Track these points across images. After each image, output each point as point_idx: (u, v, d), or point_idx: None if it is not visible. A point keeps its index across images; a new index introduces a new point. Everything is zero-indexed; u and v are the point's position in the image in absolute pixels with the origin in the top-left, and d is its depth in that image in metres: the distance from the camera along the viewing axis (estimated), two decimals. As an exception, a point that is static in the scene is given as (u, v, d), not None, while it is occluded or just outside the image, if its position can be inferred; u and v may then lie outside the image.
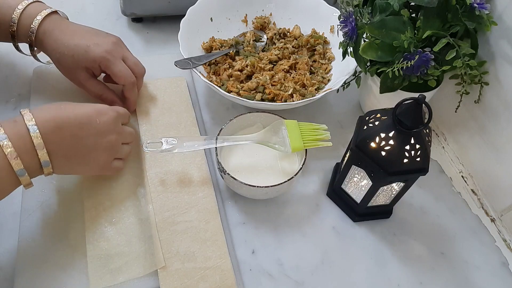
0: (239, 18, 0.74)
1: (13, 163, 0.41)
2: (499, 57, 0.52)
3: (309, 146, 0.53)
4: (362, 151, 0.47)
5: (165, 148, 0.52)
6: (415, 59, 0.50)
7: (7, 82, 0.66)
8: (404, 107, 0.43)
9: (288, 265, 0.51)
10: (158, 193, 0.53)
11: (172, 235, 0.50)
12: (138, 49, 0.74)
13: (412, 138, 0.44)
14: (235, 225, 0.54)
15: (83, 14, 0.79)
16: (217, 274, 0.48)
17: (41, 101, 0.62)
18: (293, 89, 0.62)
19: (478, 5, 0.49)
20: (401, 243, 0.54)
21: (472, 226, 0.57)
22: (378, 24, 0.51)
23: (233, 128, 0.56)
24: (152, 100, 0.63)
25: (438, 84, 0.56)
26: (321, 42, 0.71)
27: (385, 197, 0.52)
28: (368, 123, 0.48)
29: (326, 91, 0.61)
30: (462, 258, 0.54)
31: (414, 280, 0.51)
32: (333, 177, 0.59)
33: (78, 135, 0.46)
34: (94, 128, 0.47)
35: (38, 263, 0.48)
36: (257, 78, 0.64)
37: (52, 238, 0.49)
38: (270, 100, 0.62)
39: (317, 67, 0.68)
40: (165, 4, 0.74)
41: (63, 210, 0.51)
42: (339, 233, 0.55)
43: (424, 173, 0.46)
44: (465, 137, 0.62)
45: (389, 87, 0.55)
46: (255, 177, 0.53)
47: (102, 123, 0.48)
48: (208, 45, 0.69)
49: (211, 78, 0.64)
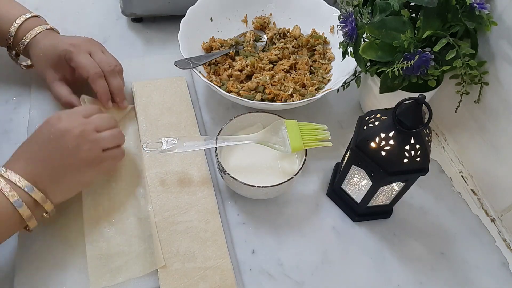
0: (239, 18, 0.74)
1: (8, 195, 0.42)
2: (499, 57, 0.52)
3: (309, 146, 0.53)
4: (362, 151, 0.47)
5: (165, 148, 0.52)
6: (415, 59, 0.50)
7: (7, 82, 0.66)
8: (404, 107, 0.43)
9: (288, 265, 0.51)
10: (158, 193, 0.53)
11: (172, 235, 0.50)
12: (138, 49, 0.74)
13: (412, 138, 0.44)
14: (235, 225, 0.54)
15: (83, 14, 0.79)
16: (217, 274, 0.48)
17: (41, 101, 0.62)
18: (293, 89, 0.62)
19: (478, 5, 0.49)
20: (401, 243, 0.54)
21: (472, 226, 0.57)
22: (378, 24, 0.51)
23: (233, 128, 0.56)
24: (152, 100, 0.63)
25: (438, 84, 0.56)
26: (321, 42, 0.71)
27: (385, 197, 0.52)
28: (368, 123, 0.48)
29: (326, 91, 0.61)
30: (462, 258, 0.54)
31: (414, 280, 0.51)
32: (333, 177, 0.59)
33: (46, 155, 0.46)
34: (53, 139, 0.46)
35: (38, 263, 0.48)
36: (257, 78, 0.64)
37: (52, 238, 0.49)
38: (270, 100, 0.62)
39: (317, 67, 0.68)
40: (165, 4, 0.74)
41: (63, 210, 0.51)
42: (339, 233, 0.55)
43: (424, 173, 0.46)
44: (465, 137, 0.62)
45: (389, 87, 0.55)
46: (255, 177, 0.53)
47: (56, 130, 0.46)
48: (208, 45, 0.69)
49: (211, 78, 0.64)
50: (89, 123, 0.48)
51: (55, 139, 0.46)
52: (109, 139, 0.49)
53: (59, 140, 0.46)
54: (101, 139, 0.48)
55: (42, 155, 0.46)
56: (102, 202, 0.52)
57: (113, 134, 0.50)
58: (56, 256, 0.48)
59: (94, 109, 0.51)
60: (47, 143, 0.46)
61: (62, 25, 0.76)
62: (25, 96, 0.64)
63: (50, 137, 0.46)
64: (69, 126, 0.46)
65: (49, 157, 0.46)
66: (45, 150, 0.46)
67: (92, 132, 0.48)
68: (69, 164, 0.46)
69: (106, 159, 0.49)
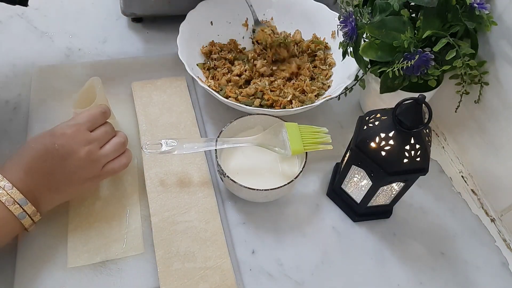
0: (239, 22, 0.74)
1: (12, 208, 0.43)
2: (499, 57, 0.52)
3: (309, 149, 0.53)
4: (362, 151, 0.47)
5: (165, 150, 0.52)
6: (415, 59, 0.50)
7: (7, 82, 0.66)
8: (404, 107, 0.43)
9: (288, 265, 0.51)
10: (158, 193, 0.53)
11: (172, 235, 0.50)
12: (138, 49, 0.74)
13: (412, 138, 0.44)
14: (235, 225, 0.54)
15: (83, 14, 0.79)
16: (217, 274, 0.48)
17: (41, 101, 0.62)
18: (292, 95, 0.62)
19: (478, 5, 0.49)
20: (401, 243, 0.54)
21: (472, 226, 0.57)
22: (378, 24, 0.51)
23: (233, 130, 0.56)
24: (152, 100, 0.63)
25: (438, 84, 0.56)
26: (322, 47, 0.71)
27: (385, 197, 0.52)
28: (368, 123, 0.48)
29: (325, 98, 0.60)
30: (462, 258, 0.54)
31: (414, 280, 0.51)
32: (333, 177, 0.59)
33: (47, 170, 0.45)
34: (56, 155, 0.45)
35: (38, 263, 0.48)
36: (255, 83, 0.64)
37: (52, 238, 0.49)
38: (269, 106, 0.62)
39: (317, 73, 0.68)
40: (165, 4, 0.74)
41: (64, 210, 0.51)
42: (339, 233, 0.55)
43: (424, 173, 0.46)
44: (465, 137, 0.62)
45: (389, 87, 0.55)
46: (255, 180, 0.52)
47: (61, 146, 0.45)
48: (208, 49, 0.69)
49: (210, 83, 0.64)
50: (94, 140, 0.48)
51: (60, 157, 0.45)
52: (111, 154, 0.49)
53: (63, 159, 0.45)
54: (103, 156, 0.48)
55: (43, 168, 0.45)
56: (93, 202, 0.53)
57: (115, 148, 0.50)
58: (56, 256, 0.48)
59: (98, 117, 0.50)
60: (51, 158, 0.45)
61: (62, 25, 0.76)
62: (25, 96, 0.64)
63: (53, 152, 0.45)
64: (76, 147, 0.46)
65: (51, 172, 0.45)
66: (48, 163, 0.45)
67: (97, 151, 0.47)
68: (71, 181, 0.46)
69: (106, 173, 0.49)
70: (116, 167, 0.50)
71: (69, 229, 0.50)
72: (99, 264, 0.48)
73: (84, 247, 0.49)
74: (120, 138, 0.51)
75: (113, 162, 0.50)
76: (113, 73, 0.67)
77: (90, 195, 0.53)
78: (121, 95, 0.64)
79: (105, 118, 0.51)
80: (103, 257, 0.48)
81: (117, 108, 0.60)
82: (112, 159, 0.50)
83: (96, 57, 0.72)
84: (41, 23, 0.75)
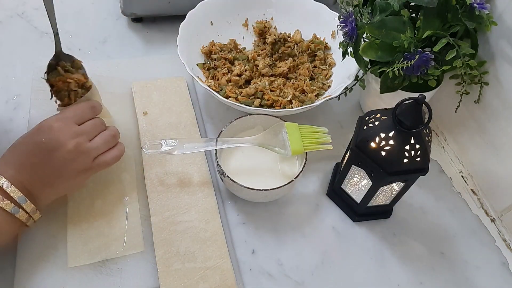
0: (239, 22, 0.74)
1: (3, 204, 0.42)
2: (499, 57, 0.52)
3: (309, 149, 0.53)
4: (362, 151, 0.47)
5: (165, 150, 0.52)
6: (415, 59, 0.50)
7: (7, 82, 0.66)
8: (404, 107, 0.43)
9: (288, 265, 0.51)
10: (158, 193, 0.53)
11: (172, 235, 0.50)
12: (138, 49, 0.74)
13: (412, 138, 0.44)
14: (235, 225, 0.54)
15: (83, 14, 0.79)
16: (217, 274, 0.48)
17: (41, 101, 0.62)
18: (292, 95, 0.62)
19: (478, 5, 0.49)
20: (401, 243, 0.54)
21: (472, 226, 0.57)
22: (378, 24, 0.51)
23: (233, 130, 0.56)
24: (152, 100, 0.63)
25: (438, 84, 0.56)
26: (322, 47, 0.70)
27: (385, 197, 0.52)
28: (368, 123, 0.48)
29: (325, 98, 0.60)
30: (462, 258, 0.54)
31: (414, 280, 0.51)
32: (333, 177, 0.59)
33: (37, 165, 0.45)
34: (44, 149, 0.45)
35: (38, 263, 0.48)
36: (255, 83, 0.64)
37: (52, 238, 0.49)
38: (269, 106, 0.62)
39: (317, 73, 0.68)
40: (165, 4, 0.74)
41: (64, 210, 0.51)
42: (339, 233, 0.55)
43: (424, 173, 0.46)
44: (465, 137, 0.62)
45: (389, 87, 0.55)
46: (255, 180, 0.52)
47: (48, 140, 0.45)
48: (208, 49, 0.68)
49: (210, 83, 0.64)
50: (82, 133, 0.47)
51: (48, 150, 0.45)
52: (101, 146, 0.49)
53: (52, 153, 0.45)
54: (93, 148, 0.48)
55: (34, 163, 0.45)
56: (93, 201, 0.53)
57: (105, 140, 0.49)
58: (56, 256, 0.48)
59: (86, 111, 0.50)
60: (39, 152, 0.45)
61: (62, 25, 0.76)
62: (25, 96, 0.64)
63: (42, 146, 0.45)
64: (63, 139, 0.45)
65: (41, 166, 0.45)
66: (37, 158, 0.45)
67: (85, 143, 0.47)
68: (62, 174, 0.46)
69: (98, 166, 0.49)
70: (108, 159, 0.49)
71: (68, 229, 0.50)
72: (99, 264, 0.48)
73: (84, 246, 0.49)
74: (111, 131, 0.51)
75: (104, 154, 0.49)
76: (113, 73, 0.67)
77: (88, 195, 0.53)
78: (121, 95, 0.64)
79: (94, 113, 0.51)
80: (104, 256, 0.49)
81: (117, 108, 0.60)
82: (104, 152, 0.49)
83: (96, 57, 0.72)
84: (41, 23, 0.75)
